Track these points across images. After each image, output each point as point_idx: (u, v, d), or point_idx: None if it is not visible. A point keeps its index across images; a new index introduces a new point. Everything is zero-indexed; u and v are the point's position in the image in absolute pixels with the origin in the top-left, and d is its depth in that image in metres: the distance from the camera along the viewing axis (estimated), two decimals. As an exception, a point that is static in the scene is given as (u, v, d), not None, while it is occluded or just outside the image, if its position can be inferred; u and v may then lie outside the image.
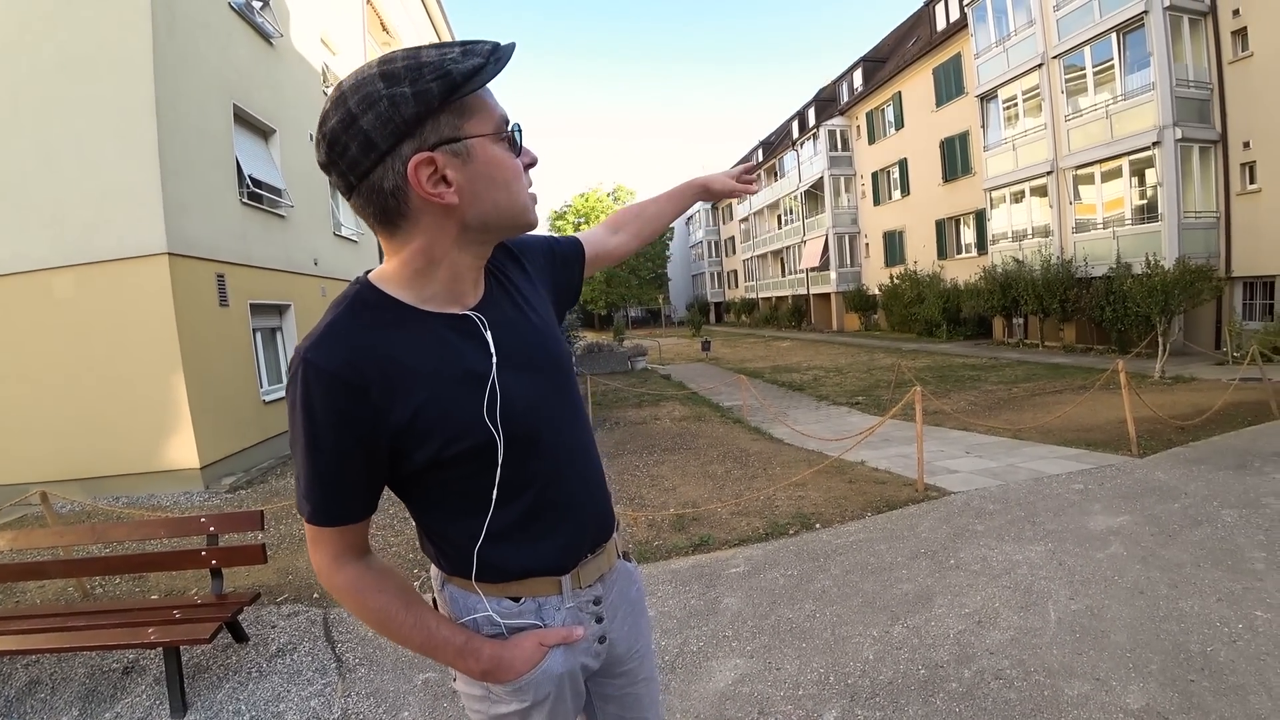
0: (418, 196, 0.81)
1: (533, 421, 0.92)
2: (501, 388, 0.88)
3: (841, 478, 5.53)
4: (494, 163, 0.84)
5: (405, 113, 0.77)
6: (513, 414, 0.89)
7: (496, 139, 0.84)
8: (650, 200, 1.40)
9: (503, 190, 0.86)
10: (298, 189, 9.75)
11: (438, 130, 0.80)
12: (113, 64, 6.57)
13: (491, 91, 0.86)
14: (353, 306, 0.86)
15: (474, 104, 0.82)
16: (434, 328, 0.88)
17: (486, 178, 0.84)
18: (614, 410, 10.34)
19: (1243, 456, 5.24)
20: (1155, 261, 12.12)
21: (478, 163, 0.83)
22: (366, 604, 0.91)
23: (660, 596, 3.47)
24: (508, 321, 0.94)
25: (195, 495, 6.71)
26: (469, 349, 0.89)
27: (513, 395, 0.89)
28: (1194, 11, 13.01)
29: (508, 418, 0.88)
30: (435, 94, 0.78)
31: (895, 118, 24.32)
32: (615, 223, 1.33)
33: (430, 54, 0.79)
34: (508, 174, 0.86)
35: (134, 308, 6.66)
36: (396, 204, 0.82)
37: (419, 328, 0.87)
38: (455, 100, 0.80)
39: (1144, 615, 2.87)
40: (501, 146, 0.85)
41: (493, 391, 0.87)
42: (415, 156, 0.79)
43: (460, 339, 0.89)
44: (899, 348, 18.64)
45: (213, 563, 3.04)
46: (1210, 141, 13.13)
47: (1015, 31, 16.67)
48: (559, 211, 49.24)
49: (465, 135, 0.81)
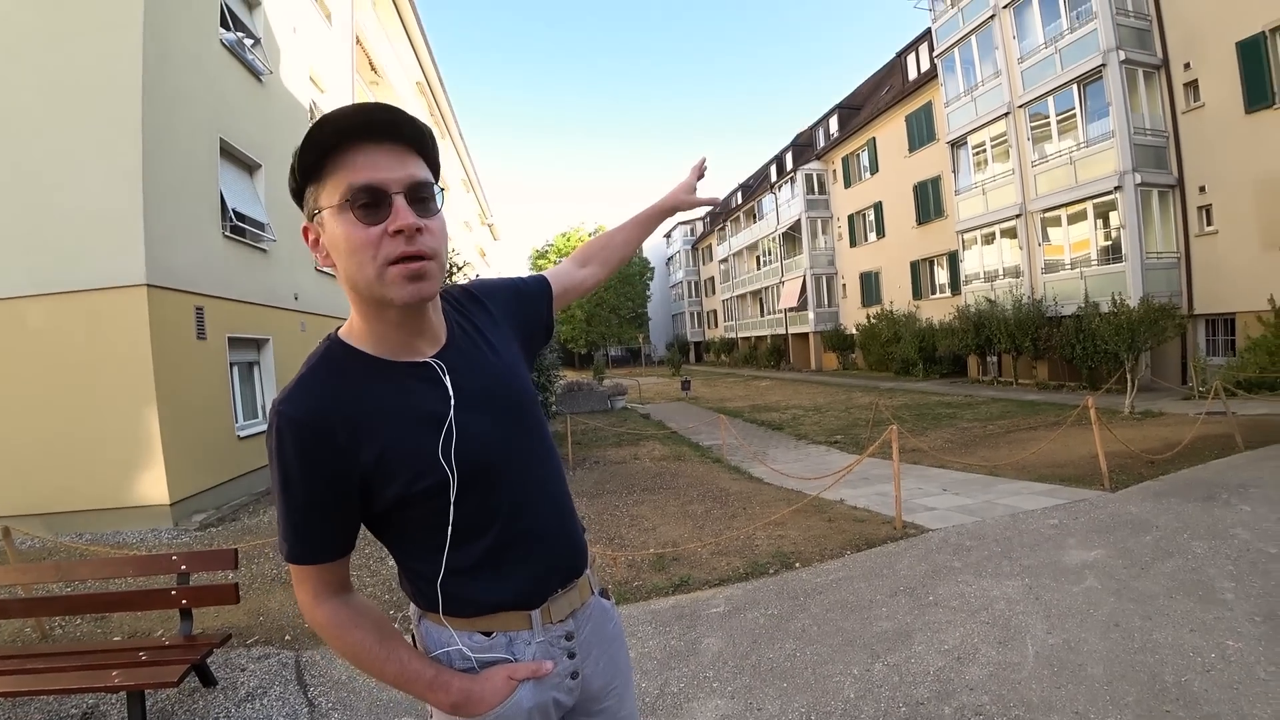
0: (319, 261, 0.91)
1: (492, 459, 0.96)
2: (459, 427, 0.92)
3: (820, 516, 5.54)
4: (335, 236, 0.86)
5: (293, 183, 0.89)
6: (469, 452, 0.93)
7: (341, 211, 0.84)
8: (617, 229, 1.43)
9: (346, 260, 0.86)
10: (281, 223, 9.76)
11: (314, 200, 0.88)
12: (101, 93, 6.60)
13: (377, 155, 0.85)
14: (321, 361, 0.94)
15: (327, 175, 0.85)
16: (395, 376, 0.93)
17: (335, 248, 0.87)
18: (594, 449, 10.30)
19: (1210, 489, 5.35)
20: (1121, 300, 12.52)
21: (327, 233, 0.87)
22: (344, 638, 0.95)
23: (640, 637, 3.43)
24: (469, 365, 0.99)
25: (163, 532, 6.52)
26: (429, 393, 0.94)
27: (471, 434, 0.93)
28: (1148, 65, 13.73)
29: (464, 456, 0.92)
30: (308, 164, 0.85)
31: (870, 162, 25.08)
32: (582, 256, 1.37)
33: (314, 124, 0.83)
34: (351, 244, 0.84)
35: (109, 339, 6.57)
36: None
37: (381, 376, 0.93)
38: (320, 166, 0.85)
39: (1119, 647, 2.90)
40: (346, 218, 0.84)
41: (449, 431, 0.92)
42: (303, 225, 0.90)
43: (421, 384, 0.94)
44: (876, 386, 18.86)
45: (183, 602, 2.96)
46: (1168, 186, 13.73)
47: (982, 82, 17.42)
48: (541, 250, 49.67)
49: (319, 208, 0.87)
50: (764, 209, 34.04)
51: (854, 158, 26.35)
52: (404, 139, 0.88)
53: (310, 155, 0.84)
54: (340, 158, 0.84)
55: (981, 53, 17.42)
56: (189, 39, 7.69)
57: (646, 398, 20.61)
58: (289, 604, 4.31)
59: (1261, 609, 3.15)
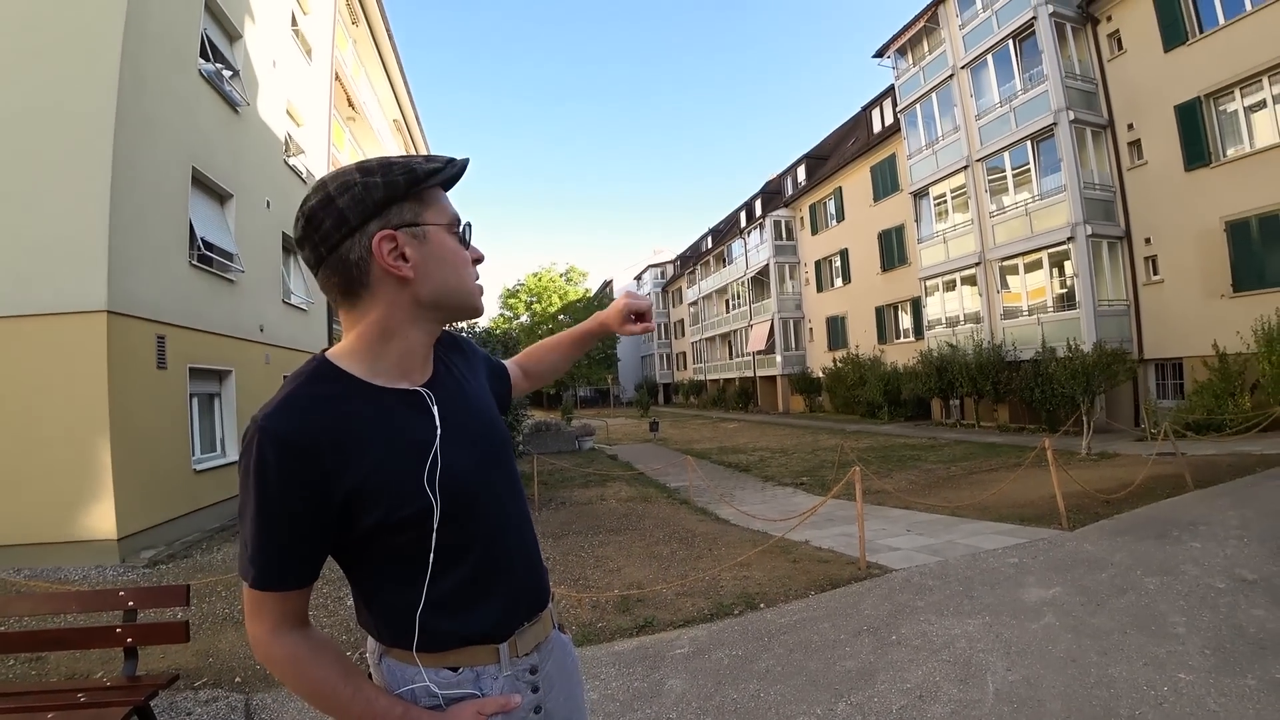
0: (379, 268, 0.92)
1: (472, 489, 0.98)
2: (443, 457, 0.94)
3: (785, 557, 5.55)
4: (445, 247, 0.98)
5: (375, 196, 0.92)
6: (452, 482, 0.94)
7: (449, 230, 0.99)
8: (555, 344, 1.53)
9: (452, 272, 0.98)
10: (250, 254, 9.68)
11: (400, 214, 0.94)
12: (74, 117, 6.54)
13: (448, 198, 1.02)
14: (309, 380, 0.93)
15: (432, 198, 0.98)
16: (384, 401, 0.94)
17: (438, 259, 0.97)
18: (560, 490, 10.19)
19: (1162, 527, 5.51)
20: (1076, 346, 13.03)
21: (432, 245, 0.96)
22: (306, 675, 0.91)
23: (603, 679, 3.37)
24: (453, 399, 1.02)
25: (109, 569, 6.22)
26: (416, 421, 0.95)
27: (453, 464, 0.95)
28: (1095, 124, 14.58)
29: (447, 485, 0.93)
30: (401, 184, 0.93)
31: (836, 210, 25.92)
32: (525, 362, 1.50)
33: (399, 159, 0.96)
34: (457, 259, 0.99)
35: (65, 365, 6.36)
36: (359, 274, 0.93)
37: (370, 400, 0.93)
38: (416, 191, 0.95)
39: (1076, 683, 2.95)
40: (454, 238, 1.00)
41: (434, 460, 0.93)
42: (380, 232, 0.92)
43: (409, 411, 0.96)
44: (842, 429, 19.11)
45: (128, 640, 2.82)
46: (1117, 237, 14.45)
47: (943, 136, 18.27)
48: (511, 289, 49.57)
49: (423, 222, 0.96)
50: (733, 254, 34.76)
51: (821, 206, 27.19)
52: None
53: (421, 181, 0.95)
54: (434, 190, 0.99)
55: (941, 109, 18.32)
56: (167, 67, 7.70)
57: (614, 438, 20.53)
58: (240, 645, 4.15)
59: (1211, 642, 3.24)
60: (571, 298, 48.26)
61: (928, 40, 18.79)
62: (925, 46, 18.93)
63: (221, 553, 6.83)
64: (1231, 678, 2.87)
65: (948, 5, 17.68)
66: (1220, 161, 12.40)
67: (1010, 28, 15.47)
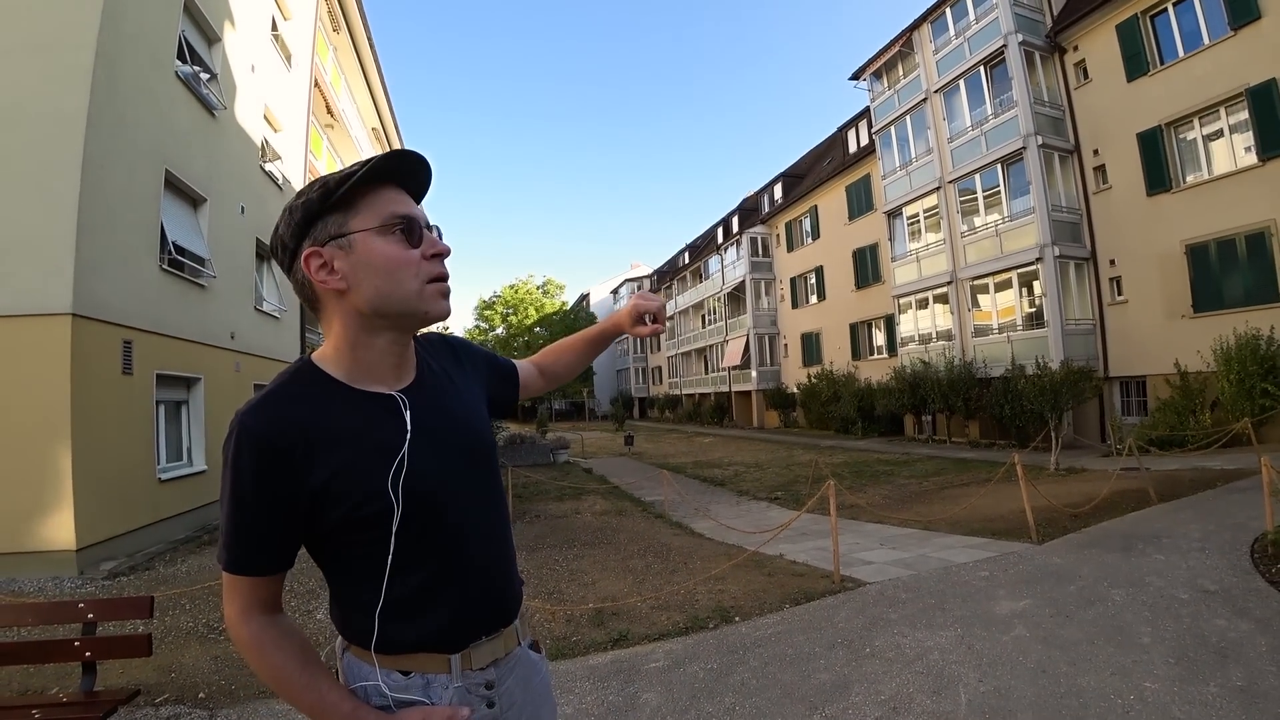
0: (317, 284, 0.96)
1: (438, 496, 0.98)
2: (411, 461, 0.95)
3: (760, 571, 5.57)
4: (373, 253, 0.95)
5: (298, 217, 0.96)
6: (417, 486, 0.95)
7: (382, 233, 0.95)
8: (570, 344, 1.51)
9: (383, 277, 0.95)
10: (222, 260, 9.51)
11: (325, 228, 0.96)
12: (44, 116, 6.40)
13: (399, 195, 1.00)
14: (290, 379, 0.98)
15: (364, 204, 0.96)
16: (358, 403, 0.97)
17: (367, 266, 0.95)
18: (535, 503, 10.11)
19: (1127, 540, 5.64)
20: (1044, 363, 13.32)
21: (357, 253, 0.95)
22: (266, 658, 0.94)
23: (578, 694, 3.34)
24: (432, 404, 1.03)
25: (66, 581, 6.01)
26: (387, 423, 0.97)
27: (421, 469, 0.96)
28: (1062, 150, 15.04)
29: (411, 488, 0.94)
30: (316, 200, 0.95)
31: (812, 228, 26.28)
32: (540, 357, 1.48)
33: (329, 174, 0.96)
34: (391, 263, 0.95)
35: (24, 369, 6.17)
36: (309, 293, 0.99)
37: (345, 402, 0.96)
38: (334, 202, 0.95)
39: (1047, 693, 3.00)
40: (389, 239, 0.96)
41: (400, 463, 0.95)
42: (306, 251, 0.95)
43: (382, 414, 0.98)
44: (817, 444, 19.26)
45: (87, 654, 2.73)
46: (1083, 258, 14.86)
47: (916, 158, 18.68)
48: (487, 301, 49.30)
49: (348, 230, 0.95)
50: (710, 269, 35.01)
51: (797, 223, 27.56)
52: (412, 189, 1.03)
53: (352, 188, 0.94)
54: (369, 192, 0.97)
55: (915, 132, 18.75)
56: (143, 68, 7.58)
57: (590, 452, 20.45)
58: (205, 659, 4.03)
59: (1175, 651, 3.32)
60: (548, 310, 48.14)
61: (903, 64, 19.25)
62: (900, 70, 19.39)
63: (186, 564, 6.64)
64: (1195, 685, 2.94)
65: (922, 31, 18.16)
66: (1180, 187, 12.85)
67: (981, 54, 15.93)
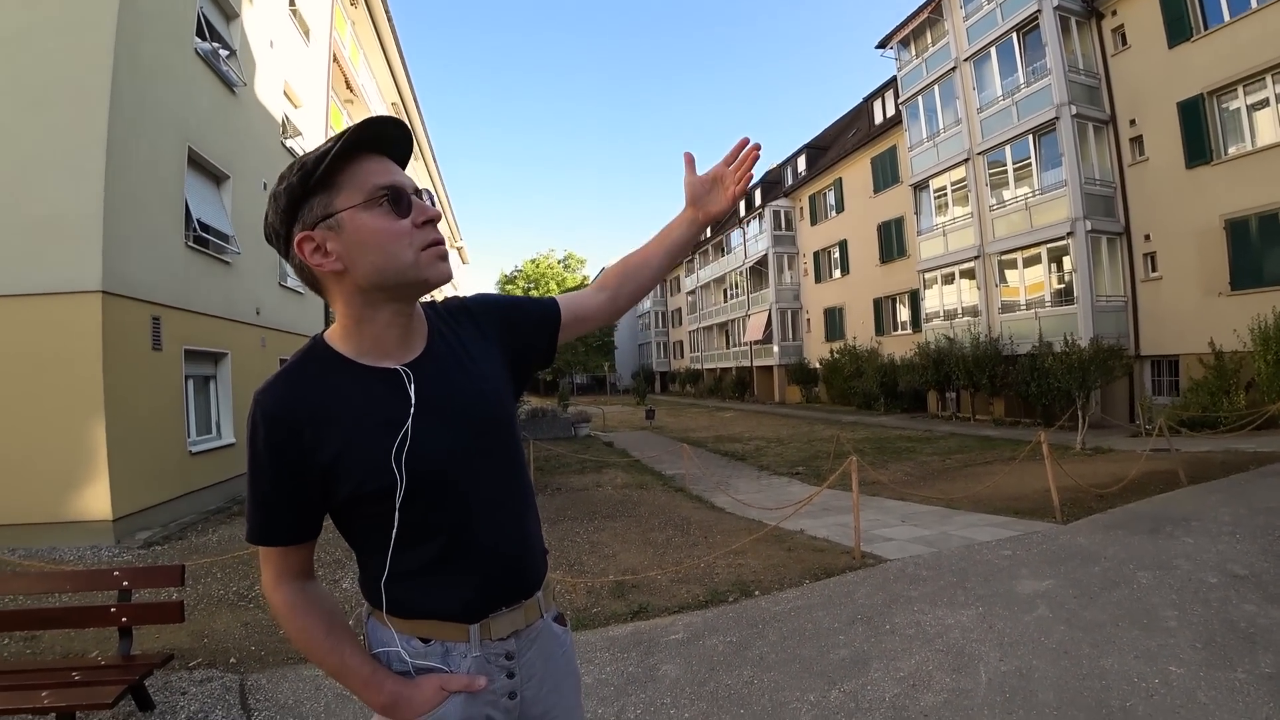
0: (313, 268, 0.95)
1: (445, 469, 0.98)
2: (415, 436, 0.95)
3: (780, 546, 5.57)
4: (363, 229, 0.93)
5: (282, 204, 0.94)
6: (421, 461, 0.95)
7: (368, 207, 0.93)
8: (638, 249, 1.31)
9: (376, 252, 0.93)
10: (246, 237, 9.60)
11: (311, 211, 0.93)
12: (69, 97, 6.45)
13: (382, 165, 0.96)
14: (303, 358, 1.00)
15: (346, 179, 0.93)
16: (365, 379, 0.98)
17: (359, 244, 0.93)
18: (556, 476, 10.20)
19: (1155, 522, 5.54)
20: (1073, 341, 13.03)
21: (347, 232, 0.93)
22: (295, 621, 0.99)
23: (598, 664, 3.38)
24: (441, 377, 1.01)
25: (104, 550, 6.22)
26: (392, 398, 0.97)
27: (426, 443, 0.96)
28: (1097, 120, 14.53)
29: (415, 464, 0.95)
30: (296, 184, 0.92)
31: (836, 201, 25.83)
32: (602, 281, 1.29)
33: (307, 154, 0.93)
34: (380, 237, 0.93)
35: (59, 345, 6.31)
36: (308, 276, 0.98)
37: (353, 379, 0.97)
38: (315, 183, 0.92)
39: (1069, 674, 2.97)
40: (376, 213, 0.93)
41: (404, 437, 0.95)
42: (298, 236, 0.94)
43: (387, 390, 0.97)
44: (838, 419, 19.15)
45: (123, 620, 2.83)
46: (1116, 233, 14.44)
47: (944, 129, 18.19)
48: (509, 275, 49.62)
49: (335, 210, 0.93)
50: (732, 243, 34.68)
51: (821, 196, 27.10)
52: (394, 155, 0.99)
53: (330, 166, 0.91)
54: (350, 167, 0.93)
55: (943, 102, 18.23)
56: (163, 46, 7.60)
57: (611, 426, 20.54)
58: (235, 625, 4.16)
59: (1202, 636, 3.27)
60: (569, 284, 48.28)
61: (931, 32, 18.66)
62: (928, 38, 18.80)
63: (217, 534, 6.83)
64: (1221, 671, 2.90)
65: (952, -4, 17.56)
66: (1221, 159, 12.37)
67: (1014, 20, 15.36)
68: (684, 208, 1.29)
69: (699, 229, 1.29)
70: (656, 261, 1.29)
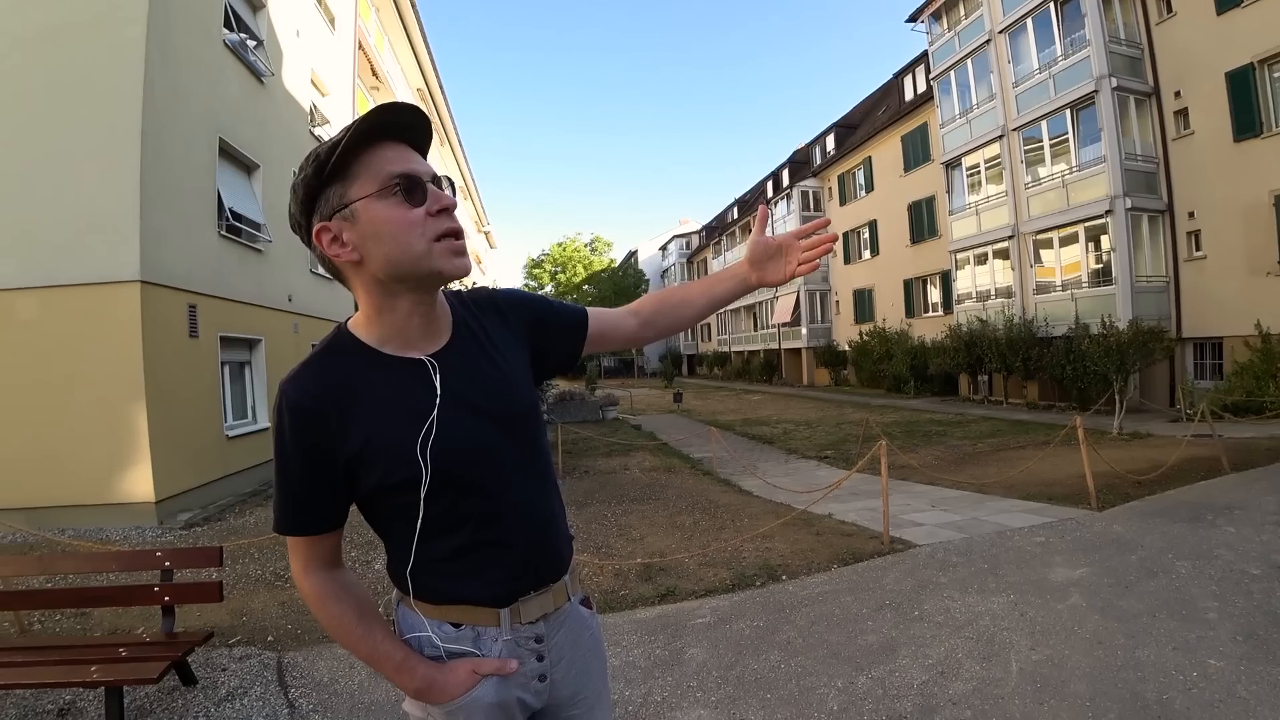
0: (332, 258, 0.95)
1: (470, 460, 0.98)
2: (440, 426, 0.95)
3: (809, 530, 5.54)
4: (377, 220, 0.92)
5: (300, 195, 0.94)
6: (447, 451, 0.95)
7: (382, 196, 0.91)
8: (683, 285, 1.32)
9: (389, 243, 0.92)
10: (277, 225, 9.76)
11: (329, 202, 0.93)
12: (102, 91, 6.60)
13: (398, 152, 0.93)
14: (328, 348, 1.00)
15: (360, 168, 0.92)
16: (390, 369, 0.97)
17: (373, 235, 0.92)
18: (584, 459, 10.27)
19: (1196, 510, 5.39)
20: (1111, 323, 12.64)
21: (362, 223, 0.92)
22: (326, 610, 1.00)
23: (624, 646, 3.41)
24: (466, 368, 1.01)
25: (148, 530, 6.46)
26: (419, 389, 0.97)
27: (451, 434, 0.96)
28: (1139, 92, 13.96)
29: (441, 454, 0.94)
30: (311, 175, 0.92)
31: (865, 181, 25.32)
32: (637, 306, 1.29)
33: (321, 144, 0.93)
34: (394, 227, 0.91)
35: (100, 334, 6.53)
36: (329, 266, 0.98)
37: (378, 369, 0.97)
38: (330, 173, 0.92)
39: (1102, 665, 2.92)
40: (390, 202, 0.91)
41: (429, 428, 0.94)
42: (316, 227, 0.94)
43: (412, 380, 0.97)
44: (868, 403, 18.92)
45: (165, 599, 2.93)
46: (1158, 211, 13.92)
47: (977, 105, 17.66)
48: (536, 260, 49.79)
49: (350, 200, 0.92)
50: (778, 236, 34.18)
51: (850, 176, 26.59)
52: (413, 141, 0.97)
53: (343, 155, 0.91)
54: (366, 155, 0.92)
55: (977, 76, 17.68)
56: (192, 38, 7.71)
57: (638, 409, 20.58)
58: (272, 605, 4.28)
59: (1243, 628, 3.18)
60: (596, 267, 48.28)
61: (964, 3, 18.05)
62: (961, 10, 18.20)
63: (254, 516, 7.03)
64: (1264, 665, 2.81)
65: (987, -34, 16.96)
66: (1272, 132, 11.80)
67: (1053, -11, 14.79)
68: (742, 262, 1.27)
69: (748, 290, 1.28)
70: (696, 306, 1.30)
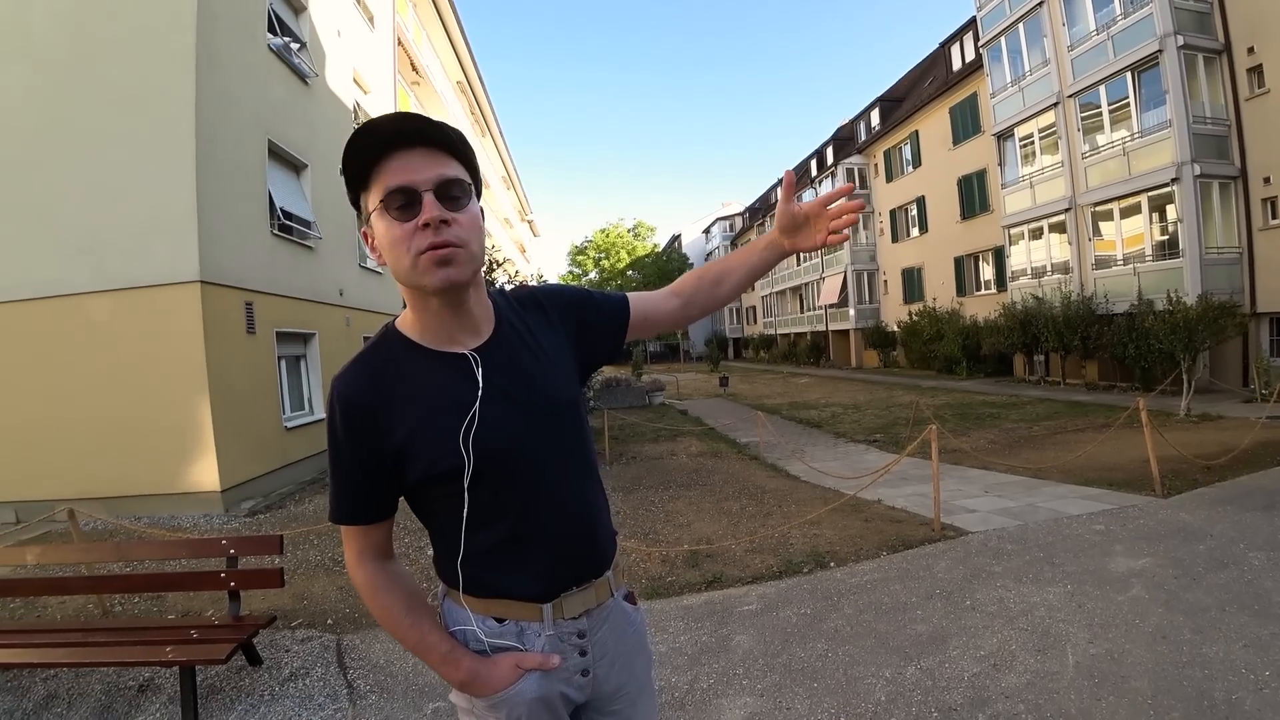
0: (375, 259, 1.00)
1: (511, 452, 0.99)
2: (483, 418, 0.97)
3: (857, 516, 5.46)
4: (379, 234, 0.96)
5: (351, 198, 0.99)
6: (488, 442, 0.97)
7: (381, 211, 0.94)
8: (720, 260, 1.31)
9: (388, 256, 0.96)
10: (326, 222, 10.05)
11: (362, 206, 0.98)
12: (156, 99, 6.91)
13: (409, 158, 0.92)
14: (376, 344, 1.03)
15: (373, 182, 0.95)
16: (433, 363, 1.01)
17: (382, 246, 0.96)
18: (630, 445, 10.34)
19: (1271, 497, 5.11)
20: (1178, 298, 11.98)
21: (376, 233, 0.97)
22: (377, 600, 1.04)
23: (671, 633, 3.44)
24: (508, 362, 1.03)
25: (215, 518, 6.81)
26: (461, 382, 1.00)
27: (492, 426, 0.98)
28: (1208, 50, 13.09)
29: (483, 444, 0.97)
30: (347, 186, 0.97)
31: (913, 156, 24.53)
32: (677, 286, 1.30)
33: None
34: (388, 241, 0.94)
35: (166, 332, 6.89)
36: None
37: (423, 363, 1.01)
38: (353, 184, 0.96)
39: (1166, 661, 2.80)
40: (386, 216, 0.93)
41: (472, 419, 0.97)
42: (362, 229, 1.00)
43: (454, 373, 1.00)
44: (918, 385, 18.48)
45: (231, 585, 3.09)
46: (1230, 177, 13.08)
47: (1030, 71, 16.86)
48: (579, 246, 50.09)
49: (368, 211, 0.97)
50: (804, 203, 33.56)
51: (896, 151, 25.80)
52: (435, 144, 0.96)
53: (353, 167, 0.94)
54: (380, 165, 0.93)
55: (1029, 41, 16.85)
56: (238, 45, 7.96)
57: (684, 394, 20.57)
58: (331, 589, 4.46)
59: (1322, 623, 3.01)
60: (639, 253, 48.29)
61: (1016, -35, 17.22)
62: (1014, -28, 17.37)
63: (312, 504, 7.33)
64: (1347, 660, 2.66)
65: (1041, -76, 16.09)
66: (1361, 86, 10.95)
67: (1113, -56, 13.97)
68: (774, 230, 1.27)
69: (784, 256, 1.28)
70: (735, 279, 1.30)
